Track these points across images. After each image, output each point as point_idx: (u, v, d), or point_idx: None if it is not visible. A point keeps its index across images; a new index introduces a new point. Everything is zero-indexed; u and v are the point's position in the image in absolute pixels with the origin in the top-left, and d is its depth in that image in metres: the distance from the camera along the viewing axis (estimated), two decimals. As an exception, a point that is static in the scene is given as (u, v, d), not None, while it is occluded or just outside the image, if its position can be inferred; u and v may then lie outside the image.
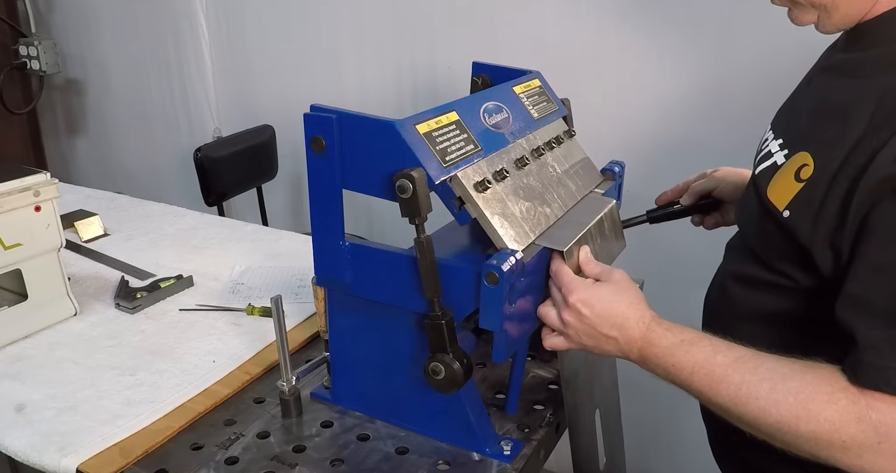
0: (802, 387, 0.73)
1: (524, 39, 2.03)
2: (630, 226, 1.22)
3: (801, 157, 0.82)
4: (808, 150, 0.81)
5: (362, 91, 2.43)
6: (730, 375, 0.78)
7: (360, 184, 0.89)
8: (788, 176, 0.83)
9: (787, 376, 0.75)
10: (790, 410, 0.73)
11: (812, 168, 0.79)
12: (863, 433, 0.70)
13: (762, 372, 0.76)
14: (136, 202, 2.01)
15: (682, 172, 1.92)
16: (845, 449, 0.71)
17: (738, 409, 0.77)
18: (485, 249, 0.93)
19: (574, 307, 0.87)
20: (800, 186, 0.80)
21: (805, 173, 0.80)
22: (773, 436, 0.76)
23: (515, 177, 0.99)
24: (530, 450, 0.99)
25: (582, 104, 1.38)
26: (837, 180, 0.75)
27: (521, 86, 1.13)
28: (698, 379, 0.80)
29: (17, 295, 1.33)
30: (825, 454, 0.73)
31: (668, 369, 0.83)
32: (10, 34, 3.02)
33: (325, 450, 1.00)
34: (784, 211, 0.82)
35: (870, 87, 0.76)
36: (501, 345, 0.88)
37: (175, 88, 2.91)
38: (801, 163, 0.82)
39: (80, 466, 0.97)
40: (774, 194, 0.85)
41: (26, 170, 1.29)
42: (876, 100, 0.74)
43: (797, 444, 0.75)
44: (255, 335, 1.29)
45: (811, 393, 0.73)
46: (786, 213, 0.82)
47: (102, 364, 1.21)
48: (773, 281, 0.88)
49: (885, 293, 0.71)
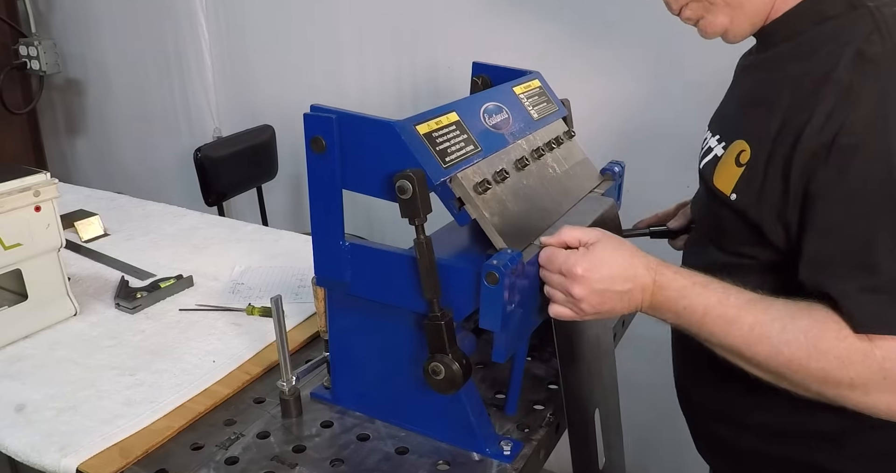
0: (811, 325, 0.76)
1: (524, 39, 2.03)
2: (630, 236, 1.22)
3: (737, 145, 0.90)
4: (743, 138, 0.89)
5: (362, 91, 2.43)
6: (742, 316, 0.80)
7: (359, 184, 0.89)
8: (730, 163, 0.90)
9: (795, 315, 0.78)
10: (801, 348, 0.76)
11: (749, 153, 0.87)
12: (868, 369, 0.73)
13: (773, 312, 0.79)
14: (136, 202, 2.01)
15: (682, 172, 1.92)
16: (853, 387, 0.74)
17: (750, 350, 0.80)
18: (484, 249, 0.93)
19: (584, 277, 0.84)
20: (741, 170, 0.88)
21: (743, 157, 0.88)
22: (783, 376, 0.79)
23: (515, 177, 0.99)
24: (530, 450, 0.99)
25: (582, 104, 1.38)
26: (773, 160, 0.83)
27: (521, 87, 1.13)
28: (710, 321, 0.82)
29: (17, 295, 1.33)
30: (833, 392, 0.76)
31: (680, 312, 0.84)
32: (10, 34, 3.02)
33: (325, 450, 1.00)
34: (731, 194, 0.89)
35: (784, 79, 0.86)
36: (501, 345, 0.88)
37: (175, 88, 2.91)
38: (738, 149, 0.89)
39: (80, 466, 0.97)
40: (720, 181, 0.92)
41: (26, 170, 1.29)
42: (790, 89, 0.83)
43: (806, 383, 0.77)
44: (255, 335, 1.29)
45: (820, 331, 0.75)
46: (733, 197, 0.89)
47: (102, 364, 1.21)
48: (735, 262, 0.92)
49: (840, 250, 0.77)
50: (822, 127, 0.77)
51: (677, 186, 1.91)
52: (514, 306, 0.86)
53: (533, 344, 1.09)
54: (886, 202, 0.74)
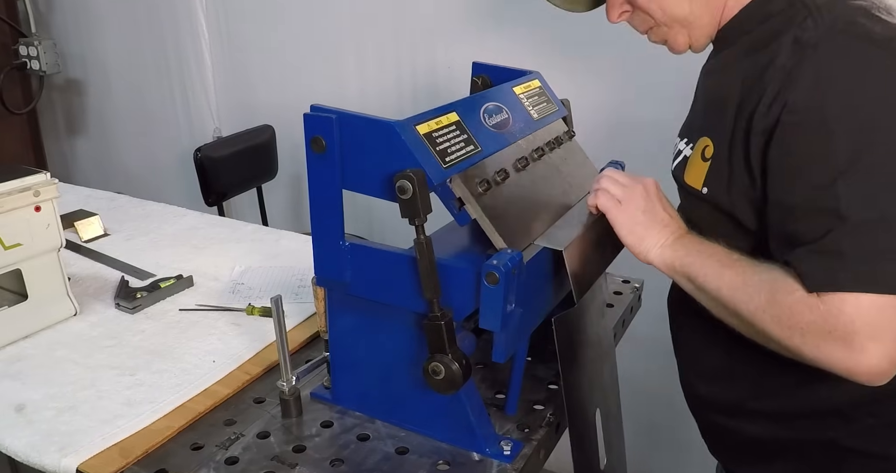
0: (774, 279, 0.84)
1: (524, 39, 2.03)
2: None
3: (702, 142, 0.98)
4: (706, 135, 0.97)
5: (362, 91, 2.43)
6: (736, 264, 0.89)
7: (359, 184, 0.89)
8: (697, 159, 0.98)
9: (768, 270, 0.86)
10: (764, 296, 0.84)
11: (712, 147, 0.95)
12: (814, 322, 0.79)
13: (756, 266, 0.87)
14: (136, 202, 2.01)
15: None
16: (804, 335, 0.80)
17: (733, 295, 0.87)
18: (484, 249, 0.93)
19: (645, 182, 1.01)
20: (707, 164, 0.96)
21: (708, 152, 0.96)
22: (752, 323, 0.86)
23: (515, 177, 0.99)
24: (530, 450, 0.99)
25: (582, 104, 1.38)
26: (733, 149, 0.91)
27: (521, 87, 1.13)
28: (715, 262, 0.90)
29: (17, 295, 1.33)
30: (788, 342, 0.82)
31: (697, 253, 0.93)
32: (10, 34, 3.02)
33: (325, 450, 1.00)
34: (702, 188, 0.96)
35: (734, 76, 0.93)
36: (501, 345, 0.89)
37: (175, 88, 2.91)
38: (703, 145, 0.97)
39: (80, 466, 0.97)
40: (691, 178, 0.99)
41: (26, 170, 1.29)
42: (740, 84, 0.91)
43: (768, 331, 0.84)
44: (255, 335, 1.29)
45: (779, 284, 0.83)
46: (704, 190, 0.96)
47: (102, 364, 1.21)
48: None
49: (791, 220, 0.84)
50: (768, 109, 0.85)
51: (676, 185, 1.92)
52: (513, 306, 0.86)
53: (533, 344, 1.09)
54: (828, 173, 0.80)
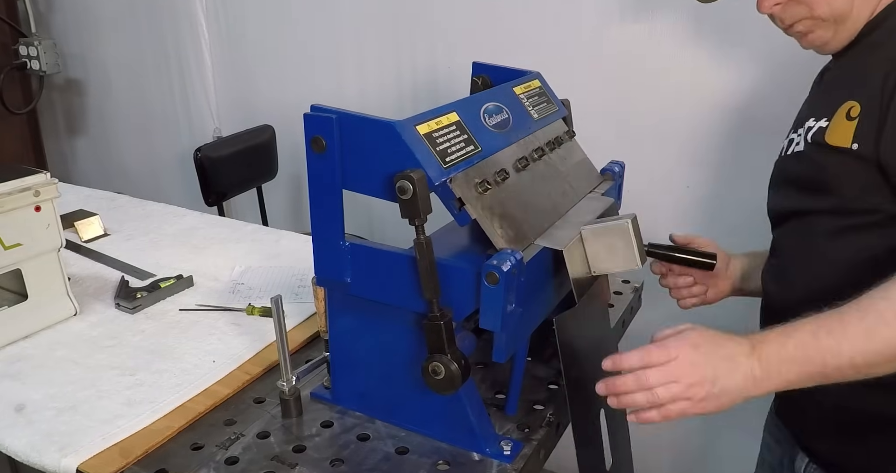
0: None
1: (524, 39, 2.03)
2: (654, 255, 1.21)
3: (845, 105, 0.94)
4: (850, 98, 0.94)
5: (362, 91, 2.43)
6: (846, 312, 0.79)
7: (360, 184, 0.89)
8: (841, 119, 0.95)
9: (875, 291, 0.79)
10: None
11: (859, 106, 0.92)
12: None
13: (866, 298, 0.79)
14: (136, 202, 2.01)
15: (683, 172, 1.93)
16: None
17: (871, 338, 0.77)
18: (484, 250, 0.93)
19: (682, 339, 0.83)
20: (854, 122, 0.92)
21: (854, 111, 0.93)
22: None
23: (515, 177, 0.99)
24: (530, 450, 0.99)
25: (582, 105, 1.38)
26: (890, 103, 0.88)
27: (521, 87, 1.13)
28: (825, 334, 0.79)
29: (17, 295, 1.33)
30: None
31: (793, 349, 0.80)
32: (10, 34, 3.02)
33: (325, 450, 1.00)
34: (852, 145, 0.92)
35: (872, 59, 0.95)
36: (502, 345, 0.89)
37: (175, 88, 2.91)
38: (847, 108, 0.94)
39: (80, 466, 0.97)
40: (836, 138, 0.95)
41: (26, 170, 1.29)
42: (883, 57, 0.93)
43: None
44: (255, 335, 1.29)
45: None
46: (854, 146, 0.92)
47: (102, 364, 1.21)
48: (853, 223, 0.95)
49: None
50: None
51: (678, 186, 1.92)
52: (513, 306, 0.87)
53: (533, 345, 1.09)
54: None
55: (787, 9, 1.03)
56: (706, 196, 1.90)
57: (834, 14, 1.00)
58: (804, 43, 1.06)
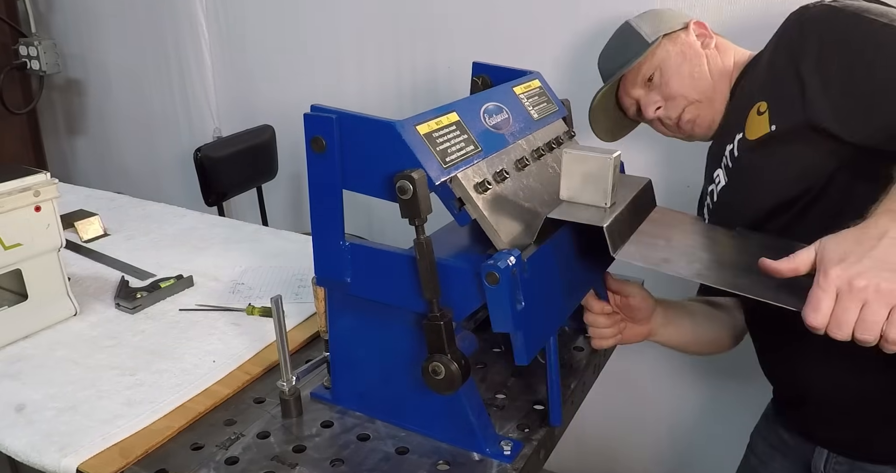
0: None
1: (524, 39, 2.03)
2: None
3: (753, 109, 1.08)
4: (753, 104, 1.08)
5: (362, 91, 2.43)
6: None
7: (360, 184, 0.89)
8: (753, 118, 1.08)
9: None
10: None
11: (766, 103, 1.05)
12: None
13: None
14: (136, 202, 2.01)
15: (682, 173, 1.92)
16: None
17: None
18: (485, 249, 0.93)
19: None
20: (766, 114, 1.05)
21: (763, 107, 1.05)
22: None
23: (515, 177, 0.99)
24: (530, 450, 0.99)
25: (582, 105, 1.38)
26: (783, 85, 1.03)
27: (521, 87, 1.13)
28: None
29: (17, 295, 1.33)
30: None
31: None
32: (10, 34, 3.02)
33: (325, 450, 1.00)
34: (770, 127, 1.04)
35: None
36: (521, 346, 0.87)
37: (175, 88, 2.91)
38: (755, 108, 1.07)
39: (80, 466, 0.97)
40: (754, 132, 1.07)
41: (26, 170, 1.29)
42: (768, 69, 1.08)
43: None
44: (255, 335, 1.29)
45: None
46: (773, 127, 1.03)
47: (102, 364, 1.21)
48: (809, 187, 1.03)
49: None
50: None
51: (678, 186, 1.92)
52: (523, 304, 0.86)
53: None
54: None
55: (668, 107, 1.26)
56: (706, 196, 1.90)
57: (703, 94, 1.22)
58: (697, 131, 1.27)
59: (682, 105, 1.25)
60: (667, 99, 1.27)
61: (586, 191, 0.96)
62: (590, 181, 0.95)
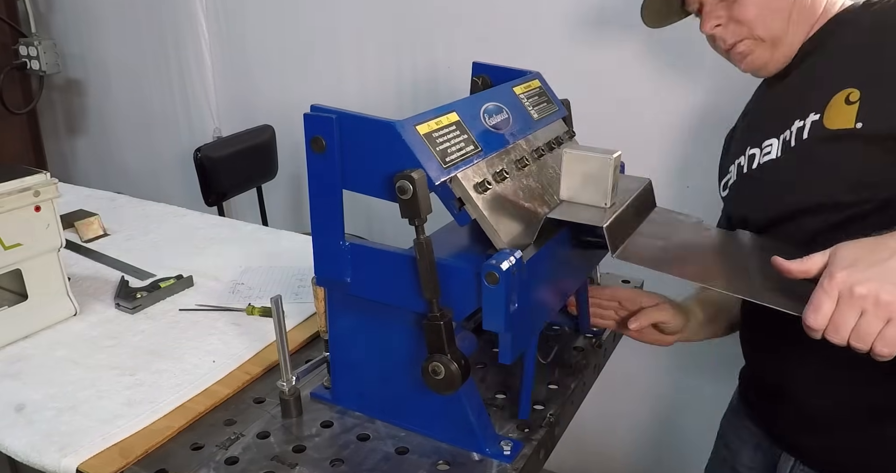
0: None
1: (524, 39, 2.03)
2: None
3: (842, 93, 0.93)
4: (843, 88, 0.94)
5: (362, 91, 2.43)
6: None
7: (360, 184, 0.89)
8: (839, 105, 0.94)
9: None
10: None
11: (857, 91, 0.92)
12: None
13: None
14: (136, 202, 2.01)
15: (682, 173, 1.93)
16: None
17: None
18: (484, 249, 0.93)
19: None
20: (855, 105, 0.91)
21: (853, 96, 0.92)
22: None
23: (515, 177, 0.99)
24: (530, 450, 0.99)
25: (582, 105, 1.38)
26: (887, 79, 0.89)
27: (521, 87, 1.13)
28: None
29: (17, 295, 1.33)
30: None
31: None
32: (10, 34, 3.02)
33: (325, 450, 1.00)
34: (856, 124, 0.91)
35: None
36: (508, 346, 0.88)
37: (175, 88, 2.91)
38: (844, 95, 0.93)
39: (80, 466, 0.97)
40: (837, 122, 0.94)
41: (26, 170, 1.29)
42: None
43: None
44: (255, 335, 1.29)
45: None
46: (858, 125, 0.90)
47: (102, 364, 1.21)
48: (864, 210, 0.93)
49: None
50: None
51: (677, 186, 1.92)
52: (516, 306, 0.86)
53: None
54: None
55: (728, 29, 1.09)
56: (706, 196, 1.90)
57: (771, 35, 1.05)
58: (744, 65, 1.11)
59: (741, 34, 1.08)
60: (731, 20, 1.09)
61: (586, 191, 0.96)
62: (590, 181, 0.95)
